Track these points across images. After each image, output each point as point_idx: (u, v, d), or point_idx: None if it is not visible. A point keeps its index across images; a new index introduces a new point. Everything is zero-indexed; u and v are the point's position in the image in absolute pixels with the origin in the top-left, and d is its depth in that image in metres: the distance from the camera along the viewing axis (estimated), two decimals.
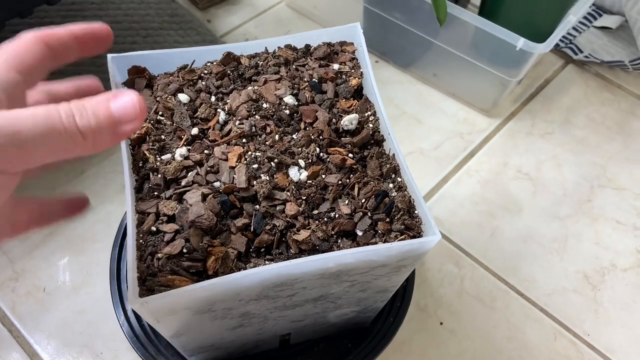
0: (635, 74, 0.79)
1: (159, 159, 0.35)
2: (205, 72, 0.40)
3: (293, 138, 0.37)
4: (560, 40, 0.80)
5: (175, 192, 0.33)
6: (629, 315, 0.57)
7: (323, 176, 0.35)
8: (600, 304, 0.58)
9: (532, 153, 0.70)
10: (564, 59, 0.81)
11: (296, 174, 0.35)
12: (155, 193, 0.34)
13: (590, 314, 0.57)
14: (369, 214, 0.34)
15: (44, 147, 0.24)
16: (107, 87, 0.37)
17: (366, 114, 0.39)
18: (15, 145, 0.23)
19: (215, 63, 0.41)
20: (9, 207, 0.28)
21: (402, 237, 0.34)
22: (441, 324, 0.55)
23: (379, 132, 0.39)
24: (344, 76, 0.41)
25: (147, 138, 0.35)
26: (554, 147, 0.71)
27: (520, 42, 0.60)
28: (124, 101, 0.25)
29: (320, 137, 0.37)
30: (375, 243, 0.33)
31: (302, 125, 0.38)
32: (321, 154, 0.36)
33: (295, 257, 0.32)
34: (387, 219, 0.34)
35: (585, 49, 0.79)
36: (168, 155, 0.35)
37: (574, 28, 0.82)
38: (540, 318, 0.56)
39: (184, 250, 0.31)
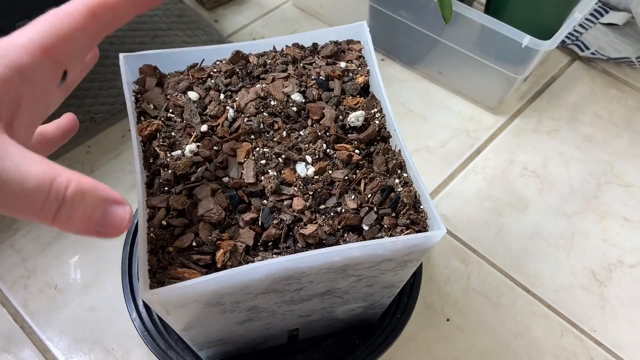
0: None
1: (169, 155, 0.35)
2: (215, 70, 0.40)
3: (300, 134, 0.37)
4: (567, 37, 0.80)
5: (185, 187, 0.34)
6: (636, 312, 0.57)
7: (330, 172, 0.36)
8: (607, 300, 0.58)
9: (539, 150, 0.70)
10: (571, 56, 0.81)
11: (303, 169, 0.35)
12: (166, 188, 0.34)
13: (597, 311, 0.57)
14: (375, 208, 0.35)
15: (8, 200, 0.22)
16: (118, 85, 0.38)
17: (372, 111, 0.40)
18: None
19: (224, 62, 0.41)
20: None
21: (408, 231, 0.34)
22: (448, 320, 0.56)
23: (385, 128, 0.39)
24: (350, 74, 0.42)
25: (158, 135, 0.36)
26: (560, 144, 0.71)
27: (526, 40, 0.61)
28: (118, 216, 0.24)
29: (327, 134, 0.37)
30: (381, 237, 0.34)
31: (309, 122, 0.38)
32: (328, 150, 0.37)
33: (303, 251, 0.32)
34: (393, 214, 0.35)
35: (592, 46, 0.79)
36: (178, 152, 0.35)
37: (580, 25, 0.82)
38: (547, 314, 0.57)
39: (194, 244, 0.32)
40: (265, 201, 0.34)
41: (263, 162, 0.35)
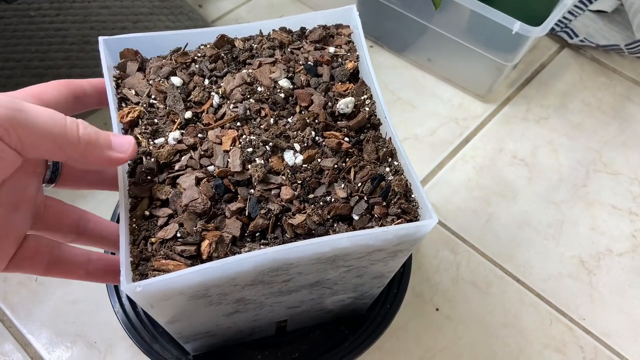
0: (631, 58, 0.79)
1: (151, 143, 0.34)
2: (199, 55, 0.39)
3: (288, 122, 0.36)
4: (556, 24, 0.80)
5: (169, 176, 0.33)
6: (624, 300, 0.57)
7: (319, 160, 0.35)
8: (595, 288, 0.58)
9: (528, 138, 0.69)
10: (560, 43, 0.80)
11: (291, 157, 0.34)
12: (149, 177, 0.33)
13: (586, 299, 0.57)
14: (365, 197, 0.34)
15: (43, 134, 0.26)
16: (99, 72, 0.36)
17: (362, 98, 0.38)
18: (17, 121, 0.25)
19: (208, 46, 0.40)
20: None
21: (399, 220, 0.33)
22: (437, 310, 0.55)
23: (375, 115, 0.38)
24: (339, 59, 0.40)
25: (140, 122, 0.35)
26: (549, 132, 0.70)
27: (517, 26, 0.60)
28: (124, 138, 0.30)
29: (316, 121, 0.36)
30: (372, 227, 0.33)
31: (298, 109, 0.37)
32: (317, 137, 0.36)
33: (291, 242, 0.31)
34: (384, 203, 0.34)
35: (581, 33, 0.79)
36: (161, 139, 0.34)
37: (569, 12, 0.81)
38: (536, 303, 0.56)
39: (178, 235, 0.31)
40: (252, 190, 0.33)
41: (250, 150, 0.34)
